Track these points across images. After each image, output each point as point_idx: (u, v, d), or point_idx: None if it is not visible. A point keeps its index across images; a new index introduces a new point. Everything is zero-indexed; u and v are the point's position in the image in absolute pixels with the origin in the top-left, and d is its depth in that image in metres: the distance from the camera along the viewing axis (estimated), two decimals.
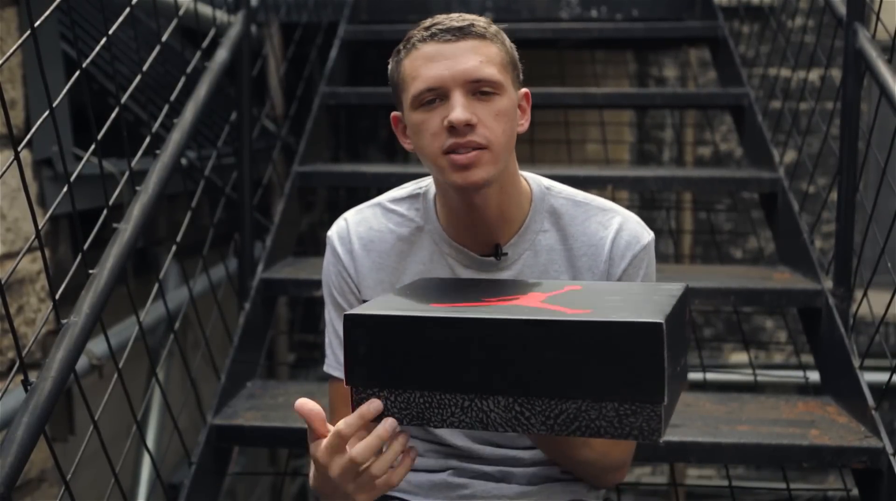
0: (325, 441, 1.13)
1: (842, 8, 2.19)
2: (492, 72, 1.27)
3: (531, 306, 1.16)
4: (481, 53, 1.28)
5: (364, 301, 1.42)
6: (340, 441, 1.12)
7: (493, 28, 1.32)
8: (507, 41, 1.34)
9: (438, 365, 1.12)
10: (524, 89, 1.37)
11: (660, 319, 1.05)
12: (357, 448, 1.12)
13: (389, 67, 1.35)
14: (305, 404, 1.13)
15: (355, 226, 1.43)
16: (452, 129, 1.25)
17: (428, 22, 1.31)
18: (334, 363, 1.45)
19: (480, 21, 1.31)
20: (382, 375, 1.14)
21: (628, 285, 1.31)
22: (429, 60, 1.27)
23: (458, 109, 1.25)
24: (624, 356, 1.06)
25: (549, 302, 1.17)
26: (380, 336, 1.13)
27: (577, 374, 1.07)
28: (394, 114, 1.38)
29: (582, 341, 1.07)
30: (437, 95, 1.27)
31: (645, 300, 1.16)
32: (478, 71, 1.26)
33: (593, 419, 1.08)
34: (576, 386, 1.08)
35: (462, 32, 1.28)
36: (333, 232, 1.45)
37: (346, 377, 1.15)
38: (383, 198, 1.46)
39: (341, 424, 1.12)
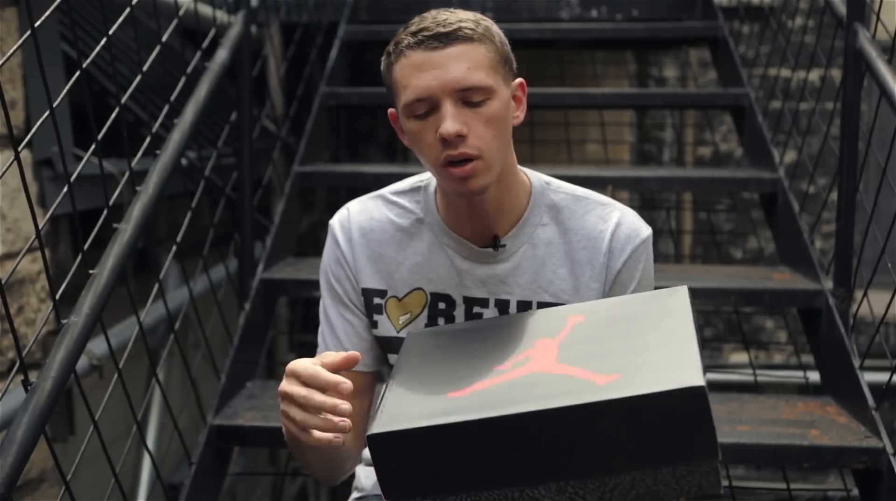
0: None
1: (842, 8, 2.19)
2: (480, 77, 1.26)
3: (550, 372, 1.10)
4: (469, 59, 1.26)
5: (362, 289, 1.42)
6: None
7: (482, 26, 1.30)
8: (497, 36, 1.32)
9: (478, 464, 1.06)
10: (518, 80, 1.36)
11: (699, 381, 1.01)
12: (301, 365, 1.15)
13: (381, 66, 1.35)
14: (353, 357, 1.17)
15: (357, 215, 1.44)
16: (445, 140, 1.25)
17: (415, 24, 1.29)
18: (324, 351, 1.45)
19: (467, 21, 1.28)
20: (421, 485, 1.08)
21: (634, 304, 1.25)
22: (417, 69, 1.26)
23: (448, 122, 1.24)
24: (670, 422, 1.01)
25: (565, 360, 1.12)
26: (409, 449, 1.07)
27: (623, 447, 1.03)
28: (391, 111, 1.38)
29: (623, 416, 1.02)
30: (428, 105, 1.27)
31: (667, 340, 1.10)
32: (466, 79, 1.25)
33: (650, 486, 1.04)
34: (624, 459, 1.03)
35: (449, 38, 1.26)
36: (335, 220, 1.46)
37: (384, 493, 1.10)
38: (386, 190, 1.47)
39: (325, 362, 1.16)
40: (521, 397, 1.07)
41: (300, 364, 1.16)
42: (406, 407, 1.12)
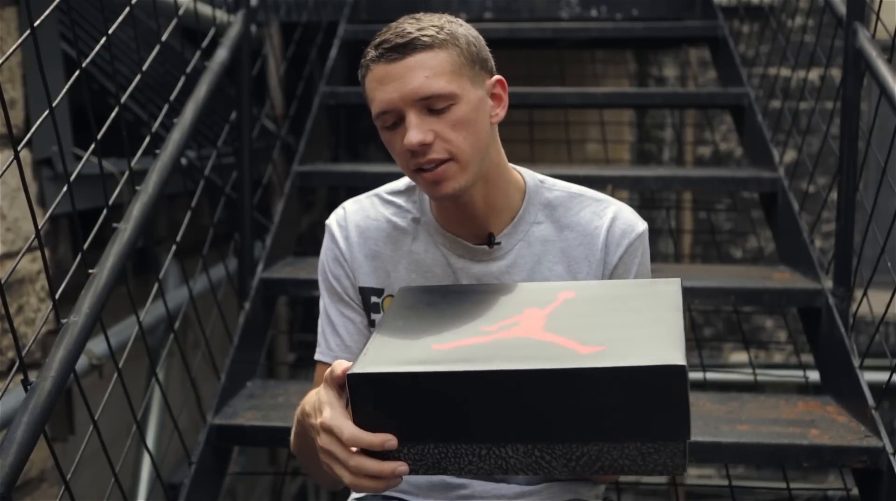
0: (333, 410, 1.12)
1: (842, 8, 2.19)
2: (440, 85, 1.25)
3: (535, 337, 1.12)
4: (427, 67, 1.25)
5: (359, 288, 1.43)
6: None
7: (445, 31, 1.28)
8: (465, 39, 1.29)
9: (451, 417, 1.07)
10: (496, 77, 1.34)
11: (681, 360, 1.01)
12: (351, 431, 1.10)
13: (359, 75, 1.35)
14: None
15: (353, 214, 1.45)
16: (411, 150, 1.26)
17: (379, 37, 1.29)
18: (325, 350, 1.46)
19: (428, 29, 1.27)
20: (394, 429, 1.09)
21: (626, 288, 1.27)
22: (380, 83, 1.27)
23: (412, 132, 1.25)
24: (646, 398, 1.02)
25: (552, 329, 1.13)
26: (386, 392, 1.09)
27: (597, 417, 1.04)
28: None
29: (601, 386, 1.03)
30: (394, 117, 1.27)
31: (654, 322, 1.12)
32: (425, 88, 1.25)
33: (616, 459, 1.05)
34: (597, 429, 1.04)
35: (406, 49, 1.25)
36: (332, 219, 1.46)
37: None
38: (381, 189, 1.47)
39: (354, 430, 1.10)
40: (503, 355, 1.08)
41: (335, 424, 1.12)
42: (389, 352, 1.13)
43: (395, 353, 1.12)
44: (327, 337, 1.46)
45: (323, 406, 1.14)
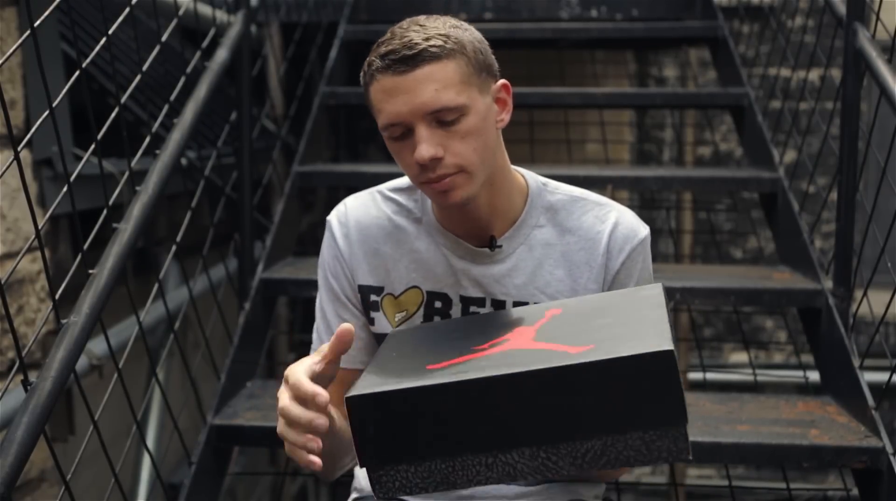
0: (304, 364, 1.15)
1: (842, 8, 2.19)
2: (450, 97, 1.24)
3: (527, 348, 1.13)
4: (436, 80, 1.24)
5: (358, 286, 1.43)
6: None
7: (452, 39, 1.26)
8: (471, 46, 1.28)
9: (453, 430, 1.08)
10: (501, 81, 1.34)
11: (668, 345, 1.03)
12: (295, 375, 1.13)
13: (360, 80, 1.34)
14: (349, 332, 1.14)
15: (354, 211, 1.44)
16: (421, 164, 1.26)
17: (384, 44, 1.27)
18: (318, 347, 1.46)
19: (435, 38, 1.25)
20: (397, 450, 1.09)
21: (610, 298, 1.29)
22: (388, 94, 1.26)
23: (423, 146, 1.24)
24: (639, 387, 1.04)
25: (542, 339, 1.15)
26: (386, 412, 1.09)
27: (596, 412, 1.05)
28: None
29: (595, 380, 1.04)
30: (402, 129, 1.27)
31: (639, 320, 1.14)
32: (435, 102, 1.24)
33: (621, 451, 1.06)
34: (596, 424, 1.06)
35: (415, 61, 1.23)
36: (332, 216, 1.46)
37: (360, 459, 1.11)
38: (384, 186, 1.47)
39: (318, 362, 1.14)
40: (497, 364, 1.09)
41: (290, 371, 1.16)
42: (384, 376, 1.14)
43: (390, 375, 1.13)
44: (322, 336, 1.47)
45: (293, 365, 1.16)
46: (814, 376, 2.36)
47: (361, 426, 1.09)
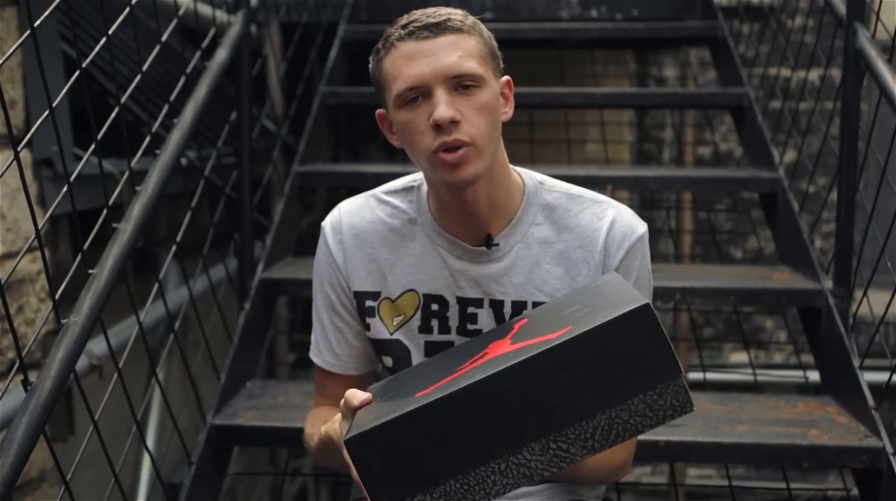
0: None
1: (842, 8, 2.19)
2: (472, 65, 1.27)
3: (506, 352, 1.13)
4: (460, 48, 1.27)
5: (354, 293, 1.42)
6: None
7: (470, 20, 1.32)
8: (485, 32, 1.34)
9: (456, 446, 1.08)
10: (505, 77, 1.36)
11: (643, 301, 1.05)
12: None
13: (370, 66, 1.35)
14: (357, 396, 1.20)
15: (348, 217, 1.44)
16: (438, 127, 1.26)
17: (404, 19, 1.30)
18: (316, 351, 1.49)
19: (457, 14, 1.30)
20: (408, 482, 1.09)
21: (572, 293, 1.30)
22: (409, 59, 1.27)
23: (442, 107, 1.25)
24: (627, 350, 1.05)
25: (519, 340, 1.15)
26: (386, 446, 1.09)
27: (591, 388, 1.06)
28: (379, 111, 1.38)
29: (582, 356, 1.05)
30: (419, 93, 1.27)
31: (606, 295, 1.16)
32: (458, 66, 1.26)
33: (627, 420, 1.07)
34: (596, 400, 1.06)
35: (439, 28, 1.27)
36: (327, 223, 1.46)
37: (371, 497, 1.10)
38: (378, 190, 1.47)
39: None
40: (482, 371, 1.10)
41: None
42: (375, 413, 1.14)
43: (381, 411, 1.13)
44: (318, 342, 1.48)
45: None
46: (814, 376, 2.36)
47: (366, 466, 1.09)
